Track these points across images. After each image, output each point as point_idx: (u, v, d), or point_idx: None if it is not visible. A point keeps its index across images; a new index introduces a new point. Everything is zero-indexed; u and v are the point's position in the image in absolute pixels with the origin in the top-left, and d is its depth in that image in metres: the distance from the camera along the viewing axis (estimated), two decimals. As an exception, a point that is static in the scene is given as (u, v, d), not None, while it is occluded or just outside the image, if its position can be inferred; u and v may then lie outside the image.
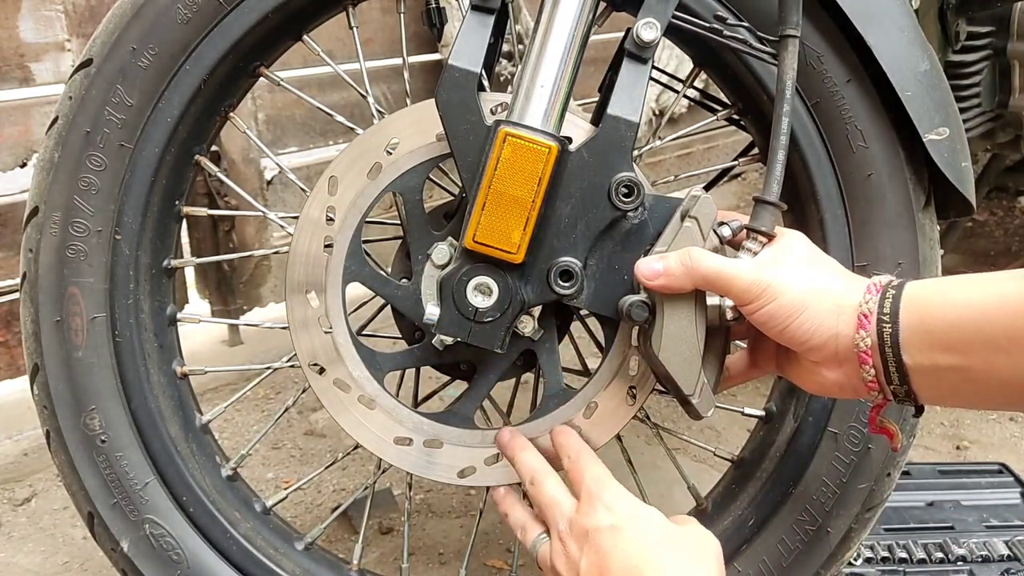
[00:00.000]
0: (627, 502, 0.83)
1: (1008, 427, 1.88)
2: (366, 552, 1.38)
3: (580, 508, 0.84)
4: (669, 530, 0.81)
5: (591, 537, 0.80)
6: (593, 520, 0.81)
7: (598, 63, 1.07)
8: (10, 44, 1.72)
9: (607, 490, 0.83)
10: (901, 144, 0.96)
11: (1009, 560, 1.33)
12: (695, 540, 0.82)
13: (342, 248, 0.96)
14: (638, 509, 0.82)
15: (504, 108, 0.89)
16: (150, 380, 1.04)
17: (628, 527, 0.80)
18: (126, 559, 1.03)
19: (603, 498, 0.82)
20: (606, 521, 0.80)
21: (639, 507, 0.82)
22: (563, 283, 0.87)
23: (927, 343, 0.73)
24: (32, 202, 1.01)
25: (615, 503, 0.82)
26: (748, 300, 0.78)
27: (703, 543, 0.82)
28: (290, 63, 1.82)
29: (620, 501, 0.82)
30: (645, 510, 0.82)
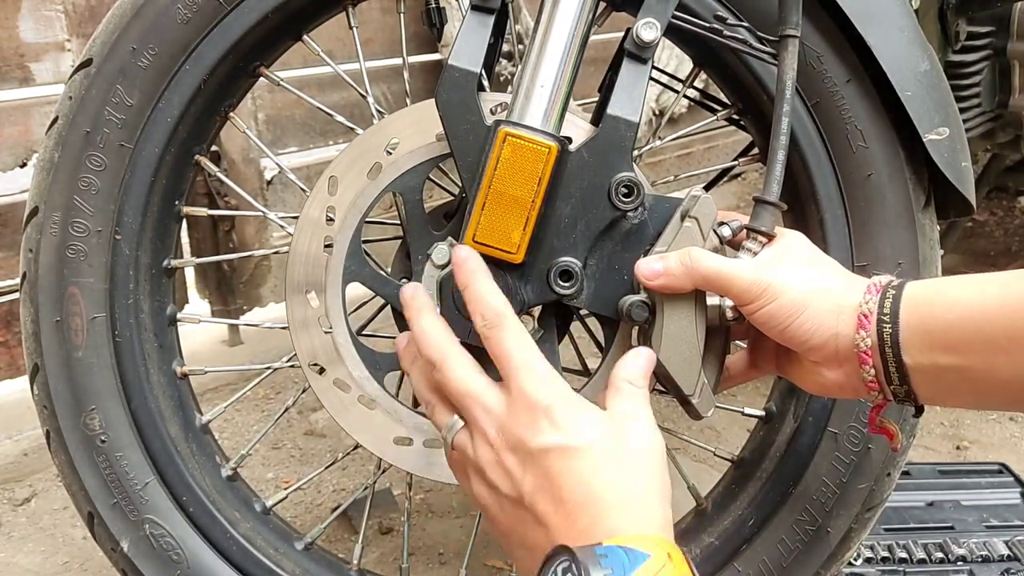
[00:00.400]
0: (567, 407, 0.71)
1: (1008, 427, 1.88)
2: (366, 552, 1.38)
3: (514, 414, 0.71)
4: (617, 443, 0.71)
5: (536, 457, 0.70)
6: (534, 437, 0.70)
7: (598, 63, 1.07)
8: (10, 44, 1.72)
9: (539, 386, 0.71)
10: (901, 144, 0.96)
11: (1009, 560, 1.33)
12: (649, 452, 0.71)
13: (342, 248, 0.96)
14: (583, 419, 0.71)
15: (504, 108, 0.89)
16: (150, 380, 1.04)
17: (580, 449, 0.69)
18: (126, 559, 1.03)
19: (539, 402, 0.71)
20: (554, 439, 0.70)
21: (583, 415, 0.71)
22: (563, 283, 0.87)
23: (927, 343, 0.73)
24: (32, 202, 1.01)
25: (555, 410, 0.70)
26: (748, 300, 0.78)
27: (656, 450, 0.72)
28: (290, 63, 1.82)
29: (560, 405, 0.71)
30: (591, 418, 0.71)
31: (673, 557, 0.64)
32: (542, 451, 0.70)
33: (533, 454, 0.70)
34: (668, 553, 0.64)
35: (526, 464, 0.71)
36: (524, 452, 0.71)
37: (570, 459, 0.69)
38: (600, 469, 0.69)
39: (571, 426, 0.70)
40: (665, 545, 0.65)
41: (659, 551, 0.63)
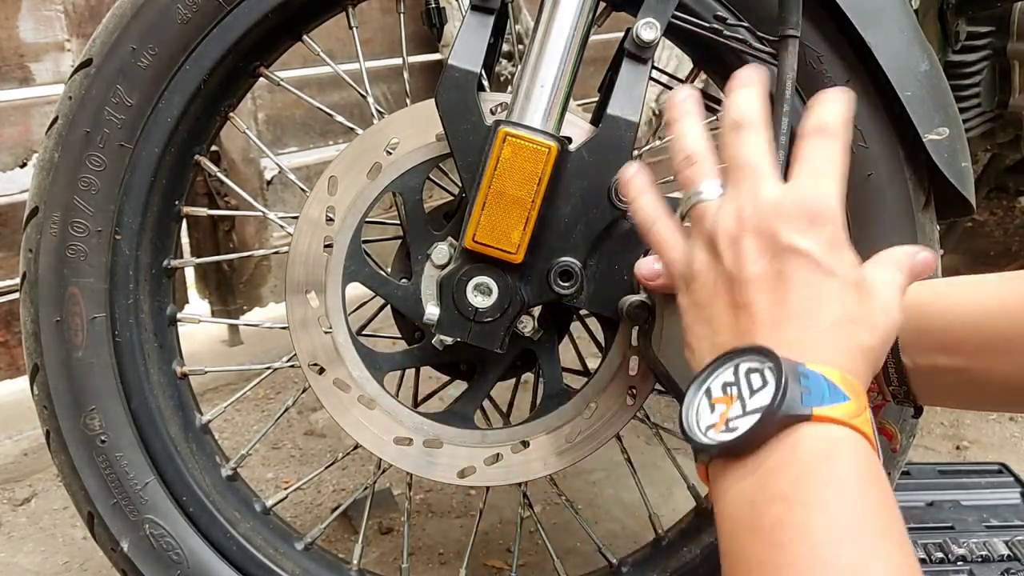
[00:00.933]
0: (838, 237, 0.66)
1: (1008, 427, 1.88)
2: (366, 552, 1.38)
3: (784, 205, 0.66)
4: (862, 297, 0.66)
5: (782, 253, 0.65)
6: (796, 237, 0.65)
7: (598, 63, 1.07)
8: (10, 44, 1.72)
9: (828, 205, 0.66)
10: (901, 144, 0.96)
11: (1009, 560, 1.33)
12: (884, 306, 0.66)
13: (342, 248, 0.96)
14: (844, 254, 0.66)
15: (504, 108, 0.89)
16: (150, 380, 1.04)
17: (829, 270, 0.64)
18: (126, 559, 1.03)
19: (821, 214, 0.66)
20: (810, 246, 0.64)
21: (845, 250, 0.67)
22: (563, 283, 0.87)
23: (926, 344, 0.73)
24: (32, 202, 1.01)
25: (827, 231, 0.65)
26: None
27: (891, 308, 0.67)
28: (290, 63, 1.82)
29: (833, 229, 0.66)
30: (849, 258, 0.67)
31: (866, 415, 0.60)
32: (792, 250, 0.65)
33: (781, 248, 0.65)
34: (865, 405, 0.60)
35: (767, 253, 0.66)
36: (772, 242, 0.66)
37: (814, 273, 0.64)
38: (837, 300, 0.64)
39: (831, 249, 0.65)
40: (865, 399, 0.61)
41: (860, 400, 0.60)
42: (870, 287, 0.66)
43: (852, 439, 0.58)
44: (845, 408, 0.58)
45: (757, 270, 0.65)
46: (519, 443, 0.97)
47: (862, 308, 0.65)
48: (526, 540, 1.52)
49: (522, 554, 1.48)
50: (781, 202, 0.66)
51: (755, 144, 0.70)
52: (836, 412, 0.58)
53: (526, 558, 1.48)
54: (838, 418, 0.58)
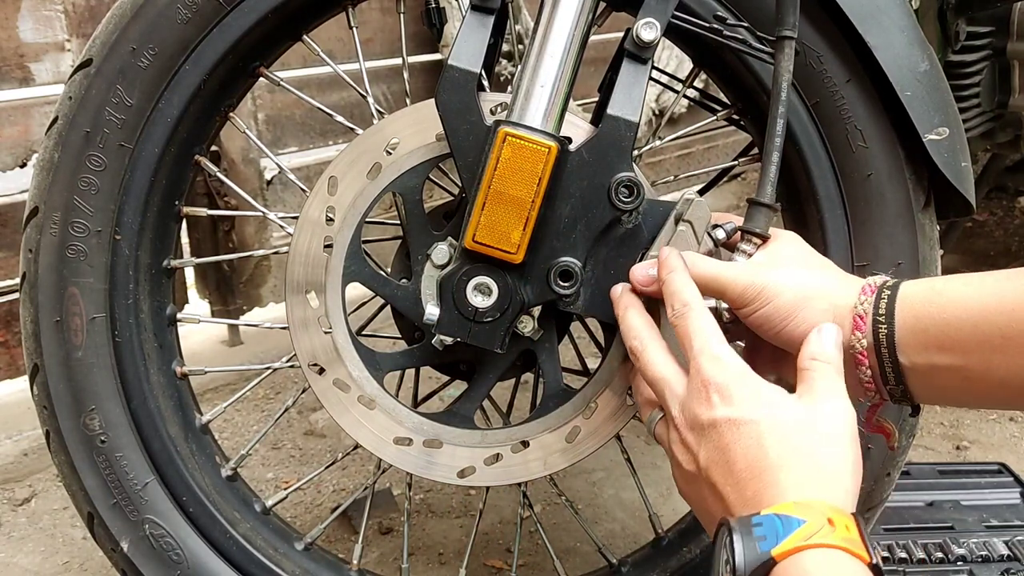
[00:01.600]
0: (742, 385, 0.72)
1: (1008, 427, 1.88)
2: (366, 552, 1.38)
3: (690, 391, 0.74)
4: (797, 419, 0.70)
5: (707, 431, 0.72)
6: (708, 412, 0.72)
7: (598, 63, 1.07)
8: (10, 44, 1.72)
9: (719, 370, 0.73)
10: (901, 144, 0.96)
11: (1009, 560, 1.33)
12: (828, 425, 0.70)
13: (342, 248, 0.96)
14: (757, 395, 0.72)
15: (504, 108, 0.89)
16: (150, 380, 1.04)
17: (748, 420, 0.70)
18: (126, 559, 1.03)
19: (714, 380, 0.72)
20: (722, 413, 0.71)
21: (758, 391, 0.72)
22: (563, 283, 0.87)
23: (923, 343, 0.73)
24: (32, 202, 1.01)
25: (729, 388, 0.72)
26: (744, 303, 0.78)
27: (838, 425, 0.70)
28: (290, 63, 1.83)
29: (735, 384, 0.72)
30: (766, 395, 0.72)
31: (835, 521, 0.62)
32: (712, 424, 0.71)
33: (705, 427, 0.72)
34: (829, 518, 0.62)
35: (700, 438, 0.72)
36: (698, 427, 0.73)
37: (739, 429, 0.70)
38: (767, 439, 0.69)
39: (742, 400, 0.71)
40: (827, 510, 0.63)
41: (817, 517, 0.62)
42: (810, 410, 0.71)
43: (822, 561, 0.61)
44: (801, 532, 0.62)
45: (703, 456, 0.72)
46: (519, 443, 0.97)
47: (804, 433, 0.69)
48: (526, 540, 1.52)
49: (522, 554, 1.48)
50: (688, 392, 0.74)
51: (650, 357, 0.79)
52: (793, 541, 0.61)
53: (526, 558, 1.48)
54: (797, 545, 0.61)
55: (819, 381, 0.73)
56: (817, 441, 0.69)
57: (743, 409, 0.71)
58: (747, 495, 0.68)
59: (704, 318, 0.76)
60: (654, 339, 0.80)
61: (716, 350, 0.74)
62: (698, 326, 0.76)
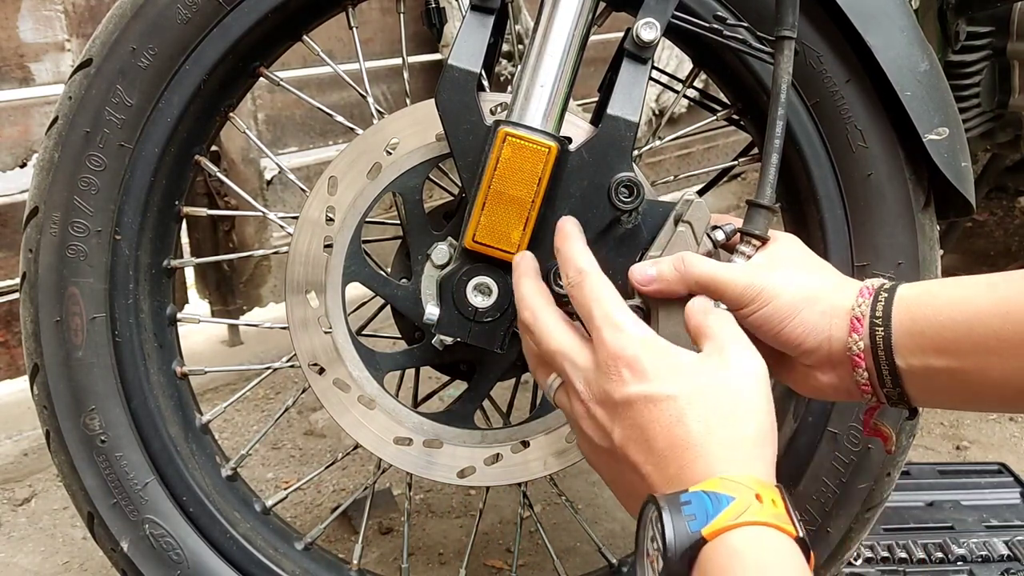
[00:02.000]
0: (652, 356, 0.70)
1: (1008, 427, 1.88)
2: (366, 552, 1.38)
3: (598, 367, 0.71)
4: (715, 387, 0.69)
5: (621, 409, 0.70)
6: (619, 388, 0.70)
7: (598, 63, 1.07)
8: (10, 44, 1.72)
9: (625, 341, 0.70)
10: (901, 144, 0.96)
11: (1009, 560, 1.33)
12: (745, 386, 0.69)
13: (342, 248, 0.96)
14: (669, 365, 0.69)
15: (504, 108, 0.89)
16: (150, 380, 1.04)
17: (666, 397, 0.68)
18: (126, 559, 1.03)
19: (623, 354, 0.70)
20: (636, 389, 0.69)
21: (669, 361, 0.70)
22: (562, 283, 0.87)
23: (920, 346, 0.73)
24: (32, 202, 1.01)
25: (640, 360, 0.69)
26: (742, 305, 0.78)
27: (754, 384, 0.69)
28: (290, 63, 1.83)
29: (645, 356, 0.70)
30: (678, 364, 0.70)
31: (763, 496, 0.62)
32: (626, 402, 0.70)
33: (619, 405, 0.70)
34: (756, 493, 0.62)
35: (614, 416, 0.71)
36: (611, 404, 0.71)
37: (656, 406, 0.68)
38: (688, 414, 0.67)
39: (655, 374, 0.69)
40: (754, 485, 0.63)
41: (745, 492, 0.62)
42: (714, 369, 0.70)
43: (751, 538, 0.60)
44: (731, 510, 0.61)
45: (618, 434, 0.70)
46: (519, 443, 0.97)
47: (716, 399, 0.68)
48: (526, 540, 1.52)
49: (522, 554, 1.48)
50: (596, 366, 0.72)
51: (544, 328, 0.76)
52: (723, 520, 0.61)
53: (526, 558, 1.48)
54: (727, 524, 0.60)
55: (720, 333, 0.72)
56: (736, 407, 0.68)
57: (657, 383, 0.69)
58: (670, 472, 0.67)
59: (601, 284, 0.75)
60: (547, 307, 0.78)
61: (618, 318, 0.72)
62: (597, 294, 0.74)
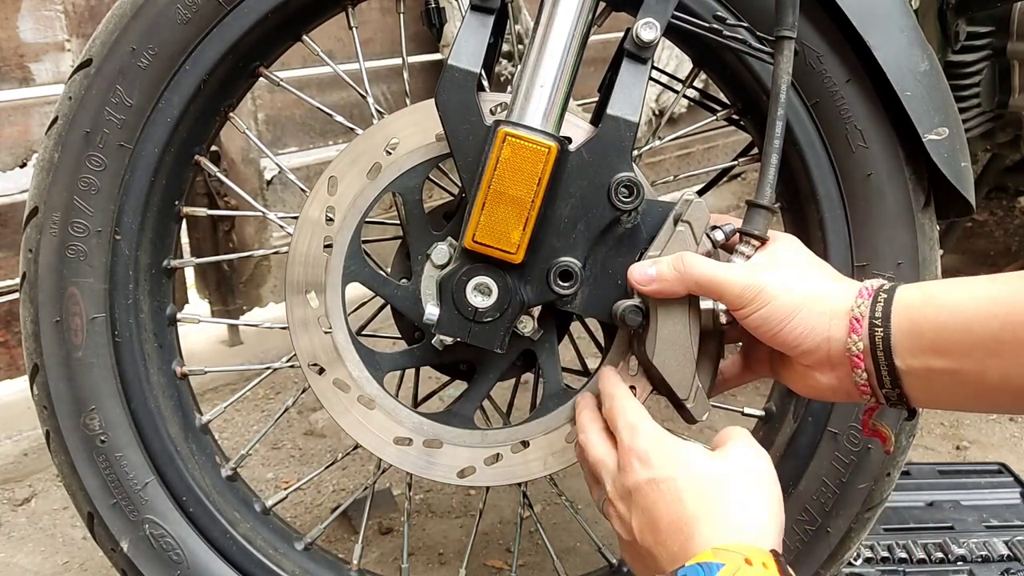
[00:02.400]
0: (660, 448, 0.76)
1: (1008, 427, 1.88)
2: (366, 552, 1.38)
3: (620, 464, 0.79)
4: (711, 472, 0.74)
5: (634, 496, 0.76)
6: (631, 477, 0.76)
7: (598, 63, 1.07)
8: (10, 44, 1.72)
9: (638, 438, 0.78)
10: (901, 144, 0.96)
11: (1009, 560, 1.33)
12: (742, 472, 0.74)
13: (342, 248, 0.96)
14: (673, 454, 0.76)
15: (504, 108, 0.89)
16: (150, 380, 1.04)
17: (666, 478, 0.74)
18: (126, 559, 1.03)
19: (635, 448, 0.77)
20: (643, 475, 0.75)
21: (673, 451, 0.76)
22: (563, 283, 0.87)
23: (918, 346, 0.73)
24: (32, 202, 1.01)
25: (648, 452, 0.76)
26: (741, 305, 0.78)
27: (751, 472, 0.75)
28: (290, 63, 1.83)
29: (653, 448, 0.77)
30: (681, 453, 0.76)
31: (753, 560, 0.65)
32: (636, 488, 0.76)
33: (631, 493, 0.76)
34: (746, 559, 0.65)
35: (630, 505, 0.76)
36: (627, 494, 0.77)
37: (658, 487, 0.74)
38: (685, 492, 0.73)
39: (659, 460, 0.75)
40: (745, 552, 0.65)
41: (734, 559, 0.65)
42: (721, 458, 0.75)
43: None
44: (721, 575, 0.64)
45: (635, 522, 0.76)
46: (519, 443, 0.97)
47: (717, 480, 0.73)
48: (526, 540, 1.52)
49: (522, 554, 1.48)
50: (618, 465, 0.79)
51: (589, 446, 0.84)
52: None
53: (526, 558, 1.48)
54: None
55: (729, 439, 0.77)
56: (732, 488, 0.73)
57: (660, 468, 0.75)
58: (674, 550, 0.71)
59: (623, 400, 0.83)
60: (593, 424, 0.85)
61: (633, 420, 0.80)
62: (620, 408, 0.82)
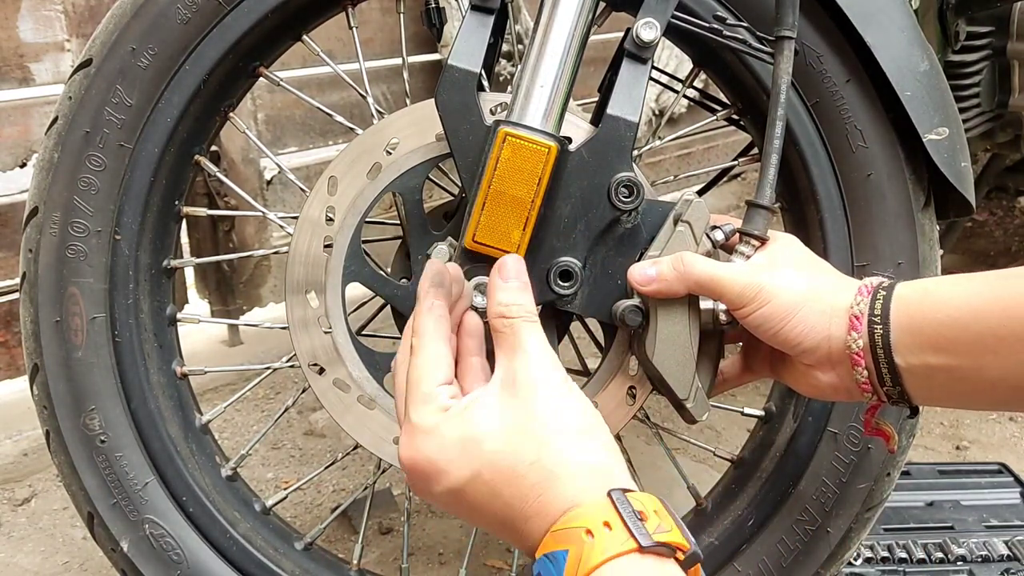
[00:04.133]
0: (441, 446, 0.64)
1: (1008, 427, 1.88)
2: (366, 552, 1.38)
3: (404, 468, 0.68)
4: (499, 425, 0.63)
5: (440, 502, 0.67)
6: (427, 495, 0.66)
7: (598, 63, 1.07)
8: (10, 44, 1.72)
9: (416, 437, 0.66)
10: (901, 144, 0.96)
11: (1009, 560, 1.33)
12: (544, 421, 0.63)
13: (342, 248, 0.96)
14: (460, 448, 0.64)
15: (504, 108, 0.89)
16: (150, 380, 1.04)
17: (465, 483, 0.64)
18: (126, 559, 1.03)
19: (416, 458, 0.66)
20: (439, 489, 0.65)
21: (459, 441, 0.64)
22: (563, 283, 0.87)
23: (918, 344, 0.73)
24: (32, 202, 1.01)
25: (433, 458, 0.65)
26: (741, 304, 0.79)
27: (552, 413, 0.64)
28: (290, 63, 1.83)
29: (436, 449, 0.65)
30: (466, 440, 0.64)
31: (593, 526, 0.57)
32: (440, 500, 0.66)
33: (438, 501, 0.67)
34: (587, 529, 0.57)
35: (444, 506, 0.68)
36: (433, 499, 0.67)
37: (464, 498, 0.64)
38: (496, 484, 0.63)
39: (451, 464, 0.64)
40: (581, 519, 0.58)
41: (574, 537, 0.57)
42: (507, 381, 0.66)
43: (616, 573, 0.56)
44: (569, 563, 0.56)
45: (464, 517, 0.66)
46: (519, 443, 0.97)
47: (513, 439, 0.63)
48: (526, 540, 1.51)
49: (522, 554, 1.48)
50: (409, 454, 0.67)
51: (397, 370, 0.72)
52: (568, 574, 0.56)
53: (526, 558, 1.48)
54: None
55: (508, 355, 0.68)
56: (537, 442, 0.62)
57: (452, 475, 0.64)
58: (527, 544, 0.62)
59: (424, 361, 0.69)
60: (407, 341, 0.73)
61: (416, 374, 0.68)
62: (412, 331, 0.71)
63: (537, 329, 0.69)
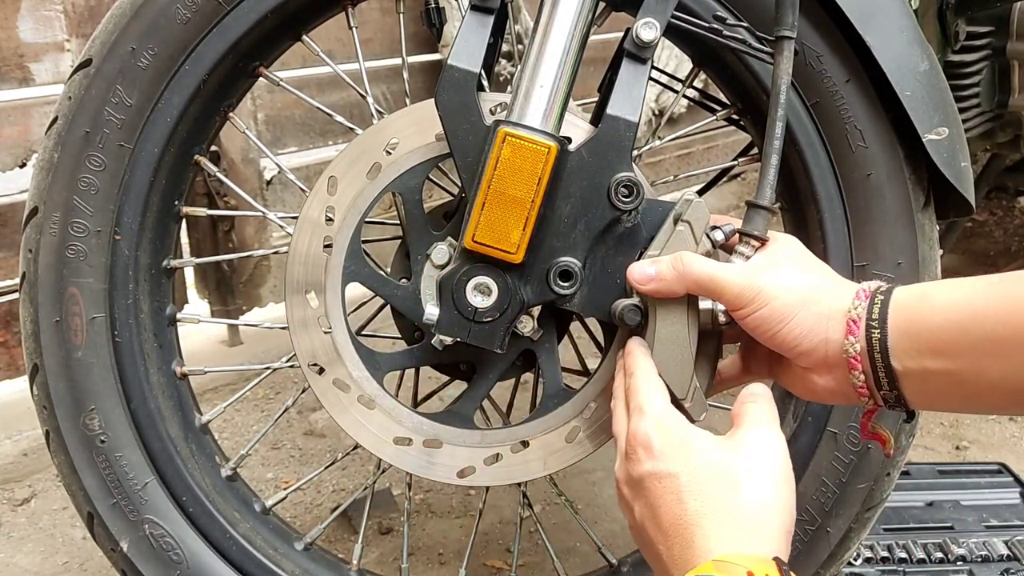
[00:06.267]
0: (665, 436, 0.75)
1: (1008, 427, 1.88)
2: (366, 552, 1.38)
3: (627, 449, 0.77)
4: (716, 467, 0.72)
5: (637, 487, 0.75)
6: (636, 467, 0.75)
7: (598, 63, 1.07)
8: (9, 44, 1.72)
9: (643, 422, 0.76)
10: (901, 144, 0.96)
11: (1009, 560, 1.33)
12: (751, 467, 0.72)
13: (341, 248, 0.96)
14: (678, 444, 0.74)
15: (504, 108, 0.89)
16: (150, 380, 1.04)
17: (668, 474, 0.72)
18: (126, 559, 1.03)
19: (639, 435, 0.76)
20: (646, 467, 0.74)
21: (679, 440, 0.74)
22: (562, 283, 0.87)
23: (915, 348, 0.73)
24: (32, 202, 1.01)
25: (651, 440, 0.74)
26: (740, 305, 0.78)
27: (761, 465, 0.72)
28: (290, 63, 1.83)
29: (657, 435, 0.75)
30: (687, 443, 0.74)
31: (756, 574, 0.63)
32: (639, 480, 0.75)
33: (635, 483, 0.75)
34: (748, 571, 0.63)
35: (634, 494, 0.76)
36: (631, 483, 0.76)
37: (661, 483, 0.73)
38: (686, 492, 0.71)
39: (662, 451, 0.74)
40: (748, 563, 0.64)
41: (736, 571, 0.63)
42: (731, 451, 0.73)
43: None
44: None
45: (638, 511, 0.75)
46: (519, 443, 0.97)
47: (725, 479, 0.71)
48: (526, 540, 1.52)
49: (522, 554, 1.48)
50: (625, 453, 0.78)
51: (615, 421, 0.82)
52: None
53: (526, 558, 1.48)
54: None
55: (747, 416, 0.76)
56: (735, 488, 0.71)
57: (663, 460, 0.73)
58: (675, 553, 0.70)
59: (646, 380, 0.81)
60: (621, 392, 0.83)
61: (641, 400, 0.78)
62: (636, 386, 0.80)
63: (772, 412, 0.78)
